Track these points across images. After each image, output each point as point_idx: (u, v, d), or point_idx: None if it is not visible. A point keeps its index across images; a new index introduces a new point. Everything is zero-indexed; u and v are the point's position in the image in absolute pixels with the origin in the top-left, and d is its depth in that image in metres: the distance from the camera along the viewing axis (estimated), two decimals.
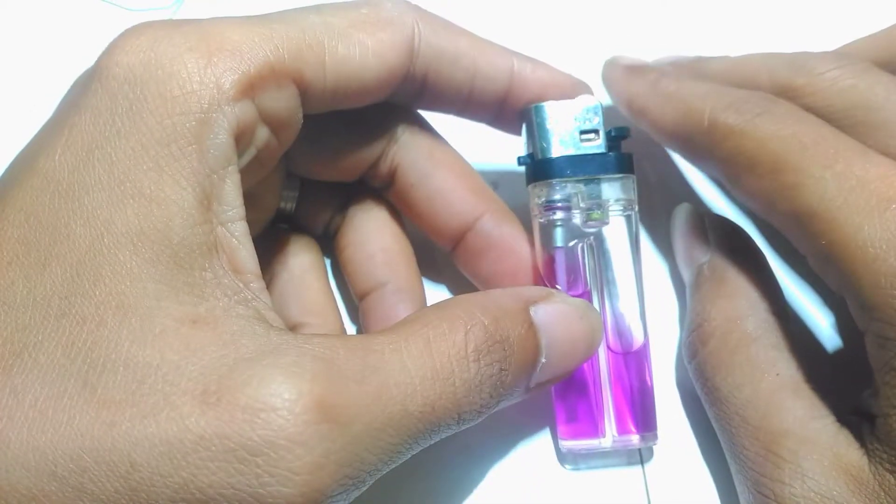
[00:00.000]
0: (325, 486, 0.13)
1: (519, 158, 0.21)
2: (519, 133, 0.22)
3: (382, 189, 0.22)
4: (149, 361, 0.14)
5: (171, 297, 0.14)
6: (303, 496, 0.13)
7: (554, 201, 0.20)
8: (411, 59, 0.19)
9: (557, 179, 0.20)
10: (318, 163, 0.21)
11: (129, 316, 0.14)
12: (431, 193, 0.21)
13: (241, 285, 0.15)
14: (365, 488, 0.15)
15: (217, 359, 0.14)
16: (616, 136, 0.20)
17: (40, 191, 0.15)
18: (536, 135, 0.20)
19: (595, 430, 0.20)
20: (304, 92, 0.17)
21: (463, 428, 0.16)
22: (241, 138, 0.16)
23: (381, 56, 0.18)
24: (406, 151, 0.21)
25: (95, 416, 0.13)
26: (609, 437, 0.20)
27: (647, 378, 0.20)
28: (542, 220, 0.20)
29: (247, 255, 0.16)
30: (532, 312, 0.17)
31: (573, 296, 0.19)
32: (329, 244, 0.24)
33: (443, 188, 0.21)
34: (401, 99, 0.20)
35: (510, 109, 0.21)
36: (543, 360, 0.17)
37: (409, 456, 0.15)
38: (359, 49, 0.18)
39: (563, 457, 0.21)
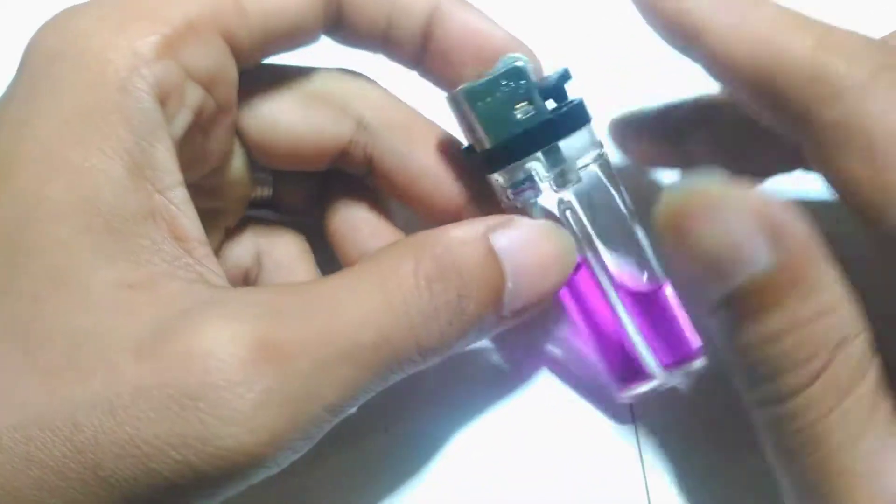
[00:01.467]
0: (273, 423, 0.13)
1: (462, 151, 0.20)
2: (443, 88, 0.20)
3: (363, 175, 0.22)
4: (86, 328, 0.14)
5: (106, 265, 0.14)
6: (251, 433, 0.13)
7: (519, 183, 0.19)
8: None
9: (511, 165, 0.18)
10: (279, 154, 0.21)
11: (65, 286, 0.14)
12: (414, 176, 0.20)
13: (182, 252, 0.16)
14: (329, 427, 0.15)
15: (153, 317, 0.14)
16: (557, 85, 0.18)
17: None
18: (471, 125, 0.18)
19: (643, 374, 0.20)
20: (232, 43, 0.17)
21: (430, 362, 0.16)
22: (168, 100, 0.16)
23: None
24: (379, 138, 0.20)
25: (38, 385, 0.13)
26: (660, 373, 0.20)
27: (675, 309, 0.20)
28: (516, 205, 0.19)
29: (188, 222, 0.16)
30: (492, 239, 0.17)
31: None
32: (317, 229, 0.23)
33: (424, 170, 0.20)
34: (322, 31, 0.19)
35: (434, 54, 0.19)
36: (510, 286, 0.17)
37: (376, 391, 0.15)
38: None
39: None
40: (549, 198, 0.19)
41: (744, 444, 0.20)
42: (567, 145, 0.18)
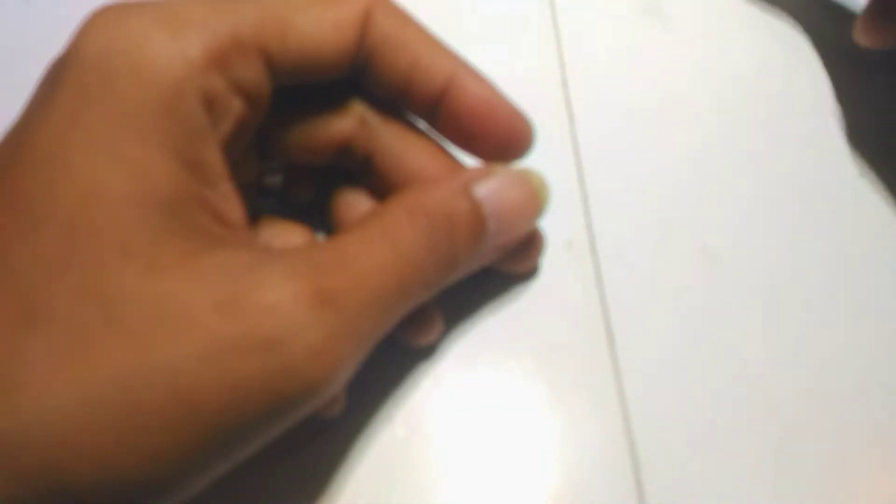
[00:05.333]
0: (337, 351, 0.16)
1: None
2: (450, 142, 0.22)
3: (363, 175, 0.23)
4: (161, 292, 0.15)
5: (168, 239, 0.16)
6: (323, 360, 0.16)
7: None
8: (362, 35, 0.19)
9: None
10: (286, 144, 0.22)
11: (132, 257, 0.15)
12: (408, 175, 0.22)
13: (229, 232, 0.17)
14: (369, 350, 0.18)
15: (220, 278, 0.15)
16: None
17: (21, 161, 0.16)
18: None
19: None
20: (270, 64, 0.18)
21: (432, 294, 0.19)
22: (214, 108, 0.17)
23: (339, 31, 0.19)
24: (378, 136, 0.22)
25: (128, 345, 0.14)
26: None
27: None
28: None
29: (234, 213, 0.18)
30: (475, 190, 0.19)
31: None
32: (322, 221, 0.24)
33: (418, 170, 0.22)
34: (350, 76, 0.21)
35: (446, 114, 0.21)
36: (491, 228, 0.20)
37: (396, 321, 0.18)
38: (318, 23, 0.19)
39: None
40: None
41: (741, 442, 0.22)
42: None
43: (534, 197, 0.21)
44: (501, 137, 0.21)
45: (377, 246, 0.17)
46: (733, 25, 0.29)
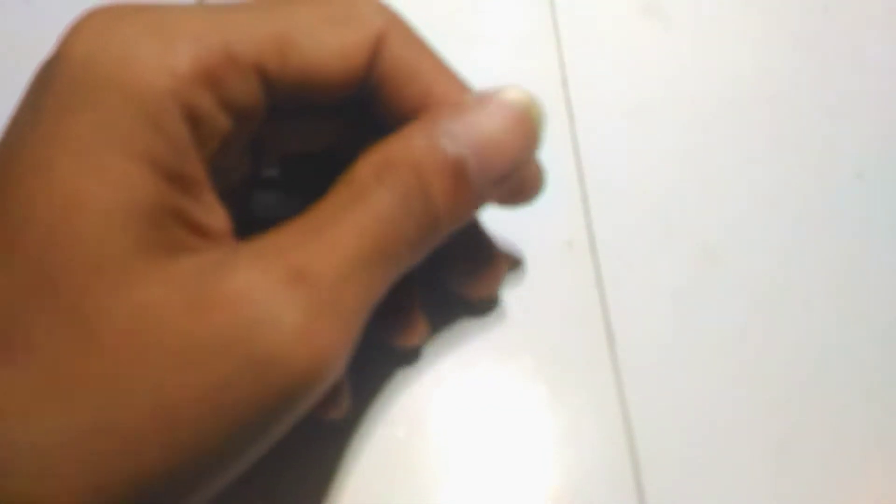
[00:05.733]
0: (323, 329, 0.15)
1: None
2: None
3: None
4: (134, 303, 0.14)
5: (146, 252, 0.15)
6: (310, 342, 0.15)
7: None
8: (373, 61, 0.19)
9: None
10: (279, 143, 0.21)
11: (110, 270, 0.15)
12: None
13: (209, 244, 0.17)
14: (361, 325, 0.17)
15: (190, 278, 0.15)
16: None
17: (4, 172, 0.16)
18: None
19: None
20: (268, 83, 0.18)
21: (424, 253, 0.18)
22: (199, 124, 0.17)
23: (347, 56, 0.18)
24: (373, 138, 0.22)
25: (106, 365, 0.14)
26: None
27: None
28: None
29: (218, 223, 0.17)
30: (446, 131, 0.18)
31: None
32: None
33: None
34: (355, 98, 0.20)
35: None
36: (474, 169, 0.18)
37: (384, 289, 0.17)
38: (324, 47, 0.18)
39: None
40: None
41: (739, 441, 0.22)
42: None
43: (522, 121, 0.18)
44: None
45: (348, 212, 0.16)
46: (733, 25, 0.29)
